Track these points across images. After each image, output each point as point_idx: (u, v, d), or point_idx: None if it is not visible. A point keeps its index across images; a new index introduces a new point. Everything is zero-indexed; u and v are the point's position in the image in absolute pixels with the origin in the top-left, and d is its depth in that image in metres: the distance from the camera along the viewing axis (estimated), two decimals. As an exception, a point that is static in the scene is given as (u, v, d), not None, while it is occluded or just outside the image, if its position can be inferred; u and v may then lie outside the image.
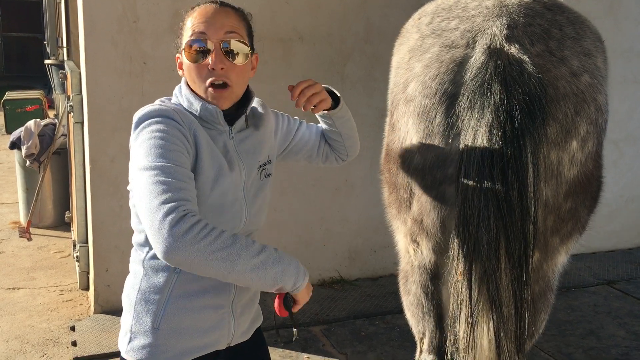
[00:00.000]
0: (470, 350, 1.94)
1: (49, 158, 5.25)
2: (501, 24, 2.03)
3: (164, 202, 1.40)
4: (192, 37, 1.62)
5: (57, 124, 5.27)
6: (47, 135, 5.37)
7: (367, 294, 4.29)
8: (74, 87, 3.97)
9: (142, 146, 1.52)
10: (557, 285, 2.33)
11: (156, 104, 1.63)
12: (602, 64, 2.12)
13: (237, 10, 1.70)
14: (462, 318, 1.95)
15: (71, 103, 4.01)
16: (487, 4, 2.12)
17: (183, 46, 1.64)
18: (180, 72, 1.74)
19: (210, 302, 1.68)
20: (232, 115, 1.71)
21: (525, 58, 1.94)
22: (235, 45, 1.63)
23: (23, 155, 5.35)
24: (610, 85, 5.41)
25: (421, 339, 2.36)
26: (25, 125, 5.41)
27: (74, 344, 3.50)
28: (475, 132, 1.90)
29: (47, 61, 7.50)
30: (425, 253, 2.19)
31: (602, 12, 4.77)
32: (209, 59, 1.61)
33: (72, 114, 4.07)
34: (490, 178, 1.86)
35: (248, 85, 1.77)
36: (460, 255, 1.93)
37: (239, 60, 1.64)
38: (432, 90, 2.05)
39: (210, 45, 1.61)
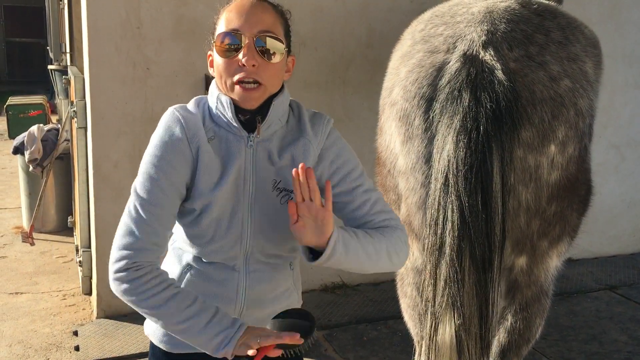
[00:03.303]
0: (433, 348, 1.99)
1: (52, 163, 5.26)
2: (481, 30, 2.05)
3: (121, 248, 1.52)
4: (225, 31, 1.51)
5: (60, 129, 5.29)
6: (50, 141, 5.38)
7: (369, 298, 4.29)
8: (77, 92, 3.98)
9: (146, 152, 1.57)
10: (553, 290, 2.34)
11: (181, 106, 1.61)
12: (591, 69, 2.12)
13: (275, 6, 1.58)
14: (428, 317, 2.00)
15: (74, 108, 4.02)
16: (473, 11, 2.14)
17: (214, 40, 1.53)
18: (210, 71, 1.61)
19: None
20: (253, 121, 1.57)
21: (498, 65, 1.96)
22: (269, 42, 1.50)
23: (26, 160, 5.36)
24: (612, 90, 5.38)
25: (419, 341, 2.37)
26: (29, 130, 5.43)
27: (77, 348, 3.51)
28: (445, 138, 1.95)
29: (50, 67, 7.52)
30: (417, 255, 2.22)
31: (604, 17, 4.77)
32: (240, 55, 1.49)
33: (75, 119, 4.08)
34: (455, 182, 1.91)
35: (283, 86, 1.61)
36: (428, 256, 1.99)
37: (273, 58, 1.51)
38: (411, 94, 2.10)
39: (243, 40, 1.49)
